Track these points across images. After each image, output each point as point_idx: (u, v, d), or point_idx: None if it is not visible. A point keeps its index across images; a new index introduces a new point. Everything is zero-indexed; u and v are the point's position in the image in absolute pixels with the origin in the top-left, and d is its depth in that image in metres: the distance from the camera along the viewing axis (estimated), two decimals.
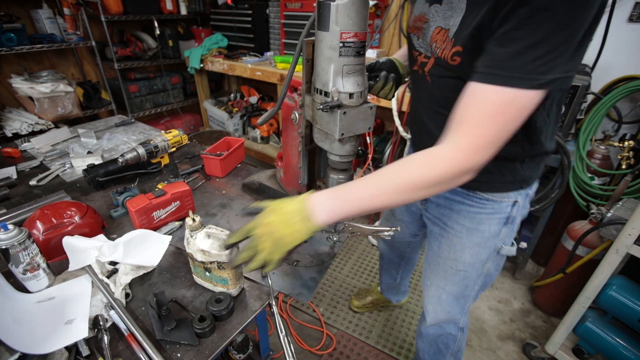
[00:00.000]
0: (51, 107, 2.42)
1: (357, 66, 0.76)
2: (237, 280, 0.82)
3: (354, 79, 0.77)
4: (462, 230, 0.92)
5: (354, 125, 0.80)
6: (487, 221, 0.89)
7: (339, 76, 0.76)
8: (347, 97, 0.77)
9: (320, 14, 0.72)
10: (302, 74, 0.86)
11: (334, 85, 0.76)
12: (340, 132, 0.78)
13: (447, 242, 0.97)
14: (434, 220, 1.00)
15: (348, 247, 2.32)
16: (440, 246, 0.99)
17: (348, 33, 0.71)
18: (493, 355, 1.66)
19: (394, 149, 2.26)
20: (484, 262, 0.95)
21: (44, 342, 0.67)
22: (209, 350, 0.71)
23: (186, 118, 3.52)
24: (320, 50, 0.76)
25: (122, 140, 1.68)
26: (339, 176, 0.91)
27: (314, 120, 0.87)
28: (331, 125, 0.79)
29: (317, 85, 0.81)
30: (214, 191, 1.29)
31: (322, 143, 0.88)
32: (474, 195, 0.87)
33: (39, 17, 2.44)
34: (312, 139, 0.94)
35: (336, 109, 0.76)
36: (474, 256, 0.94)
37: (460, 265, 0.97)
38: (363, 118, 0.80)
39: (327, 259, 0.98)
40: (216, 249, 0.76)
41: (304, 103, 0.90)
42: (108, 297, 0.77)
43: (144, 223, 1.01)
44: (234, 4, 2.89)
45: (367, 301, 1.82)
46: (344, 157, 0.87)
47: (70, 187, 1.28)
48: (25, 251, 0.77)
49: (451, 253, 0.97)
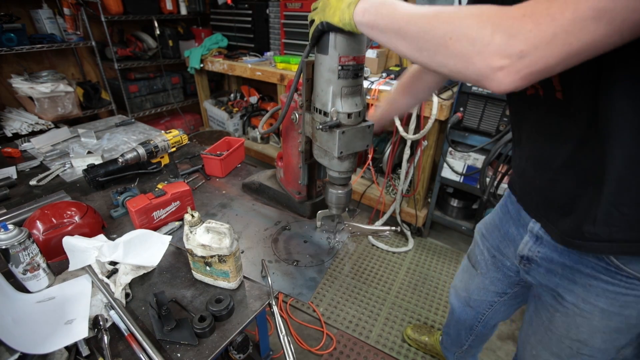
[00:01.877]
0: (51, 107, 2.42)
1: (355, 87, 0.78)
2: (237, 272, 0.83)
3: (352, 99, 0.79)
4: (593, 312, 0.69)
5: (352, 144, 0.82)
6: (636, 305, 0.64)
7: (337, 97, 0.78)
8: (345, 117, 0.79)
9: (320, 39, 0.75)
10: (302, 91, 0.88)
11: (333, 106, 0.78)
12: (339, 150, 0.80)
13: (566, 320, 0.75)
14: (541, 287, 0.81)
15: (348, 247, 2.32)
16: (554, 321, 0.78)
17: (347, 57, 0.73)
18: (493, 355, 1.66)
19: (394, 149, 2.26)
20: (620, 348, 0.74)
21: (44, 342, 0.67)
22: (209, 350, 0.71)
23: (186, 118, 3.52)
24: (319, 72, 0.79)
25: (122, 140, 1.68)
26: (338, 191, 0.93)
27: (314, 138, 0.89)
28: (330, 143, 0.82)
29: (316, 105, 0.83)
30: (214, 191, 1.29)
31: (322, 159, 0.90)
32: (617, 270, 0.62)
33: (39, 17, 2.44)
34: (312, 154, 0.96)
35: (335, 129, 0.78)
36: (609, 342, 0.72)
37: (586, 350, 0.75)
38: (361, 137, 0.82)
39: (327, 259, 0.98)
40: (217, 243, 0.77)
41: (304, 120, 0.92)
42: (108, 297, 0.77)
43: (144, 223, 1.01)
44: (234, 4, 2.89)
45: (422, 340, 1.62)
46: (343, 173, 0.90)
47: (70, 187, 1.28)
48: (25, 251, 0.77)
49: (572, 333, 0.75)
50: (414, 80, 0.95)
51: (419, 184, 2.25)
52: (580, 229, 0.62)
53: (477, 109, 1.85)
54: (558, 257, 0.72)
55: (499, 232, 0.93)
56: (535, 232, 0.77)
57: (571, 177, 0.63)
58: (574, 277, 0.70)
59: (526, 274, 0.84)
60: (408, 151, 2.14)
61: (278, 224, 1.11)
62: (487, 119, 1.84)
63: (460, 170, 2.04)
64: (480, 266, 1.03)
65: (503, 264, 0.95)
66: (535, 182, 0.73)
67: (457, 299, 1.19)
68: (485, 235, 1.00)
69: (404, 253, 2.28)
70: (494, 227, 0.96)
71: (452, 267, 2.17)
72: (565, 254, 0.71)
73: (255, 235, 1.06)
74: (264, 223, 1.12)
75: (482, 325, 1.16)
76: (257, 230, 1.08)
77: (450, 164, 2.06)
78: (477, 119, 1.87)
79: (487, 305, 1.09)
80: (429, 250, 2.31)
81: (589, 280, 0.67)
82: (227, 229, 0.77)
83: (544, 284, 0.78)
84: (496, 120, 1.82)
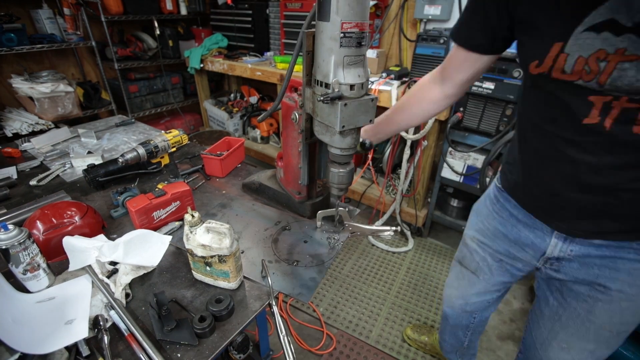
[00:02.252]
0: (51, 107, 2.42)
1: (358, 57, 0.75)
2: (237, 272, 0.83)
3: (355, 70, 0.76)
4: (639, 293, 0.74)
5: (355, 118, 0.79)
6: None
7: (339, 67, 0.75)
8: (348, 88, 0.76)
9: (321, 4, 0.71)
10: (302, 66, 0.84)
11: (334, 77, 0.75)
12: (341, 124, 0.77)
13: (610, 307, 0.77)
14: (574, 282, 0.82)
15: (348, 247, 2.32)
16: (594, 311, 0.80)
17: (349, 23, 0.70)
18: (493, 355, 1.66)
19: (394, 149, 2.26)
20: None
21: (44, 342, 0.67)
22: (209, 350, 0.71)
23: (186, 118, 3.52)
24: (320, 42, 0.75)
25: (122, 140, 1.68)
26: (339, 170, 0.90)
27: (315, 113, 0.86)
28: (332, 117, 0.79)
29: (317, 77, 0.80)
30: (214, 191, 1.29)
31: (323, 136, 0.87)
32: None
33: (39, 17, 2.44)
34: (312, 132, 0.93)
35: (337, 101, 0.75)
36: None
37: (626, 328, 0.80)
38: (364, 110, 0.79)
39: (327, 259, 0.98)
40: (217, 243, 0.76)
41: (305, 96, 0.89)
42: (108, 297, 0.77)
43: (144, 223, 1.01)
44: (234, 4, 2.89)
45: (422, 340, 1.64)
46: (345, 150, 0.86)
47: (71, 187, 1.28)
48: (26, 251, 0.77)
49: (615, 318, 0.78)
50: (414, 99, 0.94)
51: (418, 184, 2.25)
52: (616, 222, 0.66)
53: (477, 109, 1.85)
54: (595, 251, 0.74)
55: (505, 237, 0.92)
56: (563, 233, 0.77)
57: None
58: (616, 265, 0.72)
59: (555, 272, 0.84)
60: (408, 151, 2.14)
61: (278, 224, 1.12)
62: (487, 119, 1.84)
63: (460, 170, 2.04)
64: (483, 272, 1.03)
65: (513, 266, 0.95)
66: (567, 194, 0.70)
67: (452, 307, 1.21)
68: (485, 242, 0.99)
69: (404, 253, 2.28)
70: (497, 233, 0.94)
71: None
72: (602, 246, 0.72)
73: (255, 235, 1.06)
74: (264, 223, 1.12)
75: (478, 321, 1.20)
76: (257, 230, 1.08)
77: (450, 164, 2.06)
78: (477, 119, 1.87)
79: (484, 305, 1.13)
80: (429, 250, 2.31)
81: (633, 264, 0.70)
82: (227, 229, 0.77)
83: (580, 278, 0.79)
84: (496, 120, 1.82)
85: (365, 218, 2.55)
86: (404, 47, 2.46)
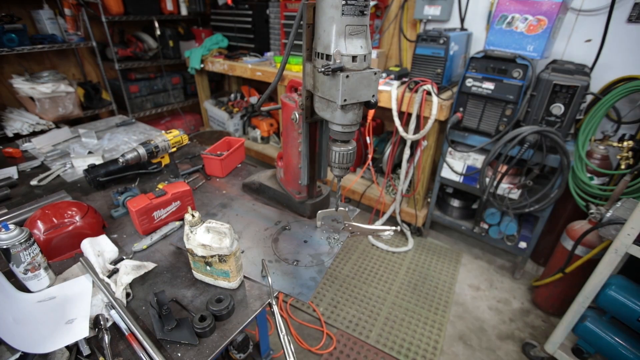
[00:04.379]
0: (52, 108, 2.42)
1: (360, 27, 0.72)
2: (237, 272, 0.83)
3: (357, 41, 0.73)
4: None
5: (357, 91, 0.76)
6: None
7: (341, 37, 0.72)
8: (349, 60, 0.73)
9: None
10: (303, 40, 0.82)
11: (336, 47, 0.72)
12: (342, 97, 0.74)
13: None
14: None
15: (348, 247, 2.32)
16: None
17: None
18: (492, 354, 1.66)
19: (394, 149, 2.26)
20: None
21: (44, 341, 0.68)
22: (209, 349, 0.71)
23: (186, 118, 3.53)
24: (322, 10, 0.72)
25: (123, 141, 1.69)
26: (340, 148, 0.86)
27: (315, 88, 0.83)
28: (333, 90, 0.76)
29: (318, 49, 0.77)
30: (214, 191, 1.30)
31: (324, 112, 0.84)
32: None
33: (39, 17, 2.45)
34: (313, 111, 0.90)
35: (338, 72, 0.72)
36: None
37: None
38: (367, 84, 0.76)
39: (327, 259, 0.99)
40: (217, 243, 0.77)
41: (305, 71, 0.86)
42: (109, 297, 0.78)
43: (145, 223, 1.02)
44: (234, 4, 2.90)
45: None
46: (346, 127, 0.82)
47: (71, 187, 1.28)
48: (26, 251, 0.77)
49: None
50: None
51: (418, 184, 2.25)
52: None
53: (477, 109, 1.85)
54: None
55: None
56: None
57: None
58: None
59: None
60: (408, 151, 2.14)
61: (278, 224, 1.12)
62: (487, 119, 1.85)
63: (460, 170, 2.04)
64: None
65: None
66: None
67: None
68: None
69: (404, 253, 2.28)
70: None
71: (452, 267, 2.17)
72: None
73: (256, 235, 1.07)
74: (264, 223, 1.12)
75: None
76: (257, 230, 1.09)
77: (450, 164, 2.07)
78: (477, 119, 1.87)
79: None
80: (428, 250, 2.31)
81: None
82: (228, 228, 0.77)
83: None
84: (496, 121, 1.82)
85: (365, 218, 2.55)
86: (403, 47, 2.46)
